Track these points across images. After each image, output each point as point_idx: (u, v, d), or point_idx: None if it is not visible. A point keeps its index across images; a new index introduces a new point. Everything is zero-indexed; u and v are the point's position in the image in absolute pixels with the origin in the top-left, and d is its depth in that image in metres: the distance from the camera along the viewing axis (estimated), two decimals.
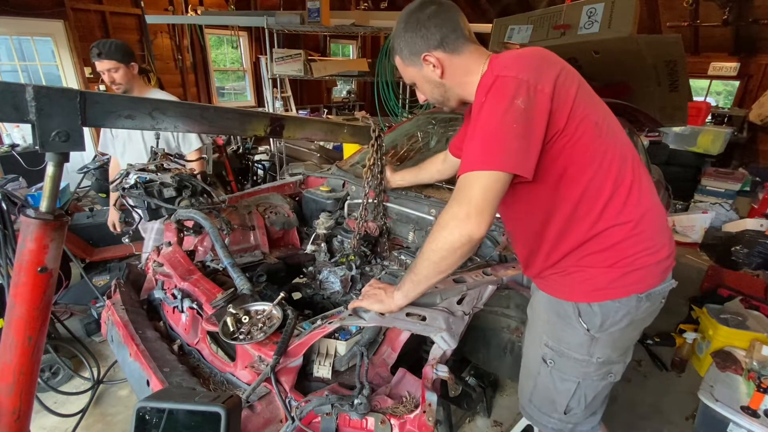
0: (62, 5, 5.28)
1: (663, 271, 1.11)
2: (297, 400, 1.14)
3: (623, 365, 1.18)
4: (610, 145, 1.03)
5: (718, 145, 5.62)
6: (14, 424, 1.01)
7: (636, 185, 1.05)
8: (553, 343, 1.18)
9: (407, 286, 1.12)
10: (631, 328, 1.12)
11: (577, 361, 1.14)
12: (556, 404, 1.21)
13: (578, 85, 1.02)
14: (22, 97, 0.88)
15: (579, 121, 0.98)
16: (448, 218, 0.97)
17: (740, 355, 2.08)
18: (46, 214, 0.97)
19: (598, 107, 1.06)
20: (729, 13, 6.52)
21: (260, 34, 7.22)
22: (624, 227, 1.04)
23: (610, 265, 1.06)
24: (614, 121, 1.11)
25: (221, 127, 1.31)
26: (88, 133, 5.81)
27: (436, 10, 1.07)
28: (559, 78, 0.97)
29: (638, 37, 2.59)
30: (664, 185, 3.10)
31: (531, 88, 0.93)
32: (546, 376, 1.21)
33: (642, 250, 1.05)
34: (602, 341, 1.11)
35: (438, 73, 1.11)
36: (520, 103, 0.91)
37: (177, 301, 1.51)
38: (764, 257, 3.62)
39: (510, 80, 0.93)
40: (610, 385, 1.19)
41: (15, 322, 0.98)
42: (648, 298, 1.09)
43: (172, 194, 1.82)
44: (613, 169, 1.03)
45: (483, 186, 0.92)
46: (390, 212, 2.06)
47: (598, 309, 1.09)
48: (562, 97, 0.96)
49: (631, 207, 1.04)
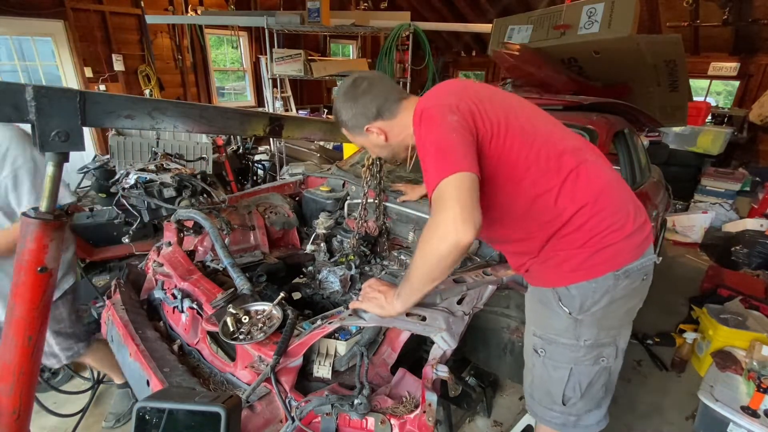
0: (62, 5, 5.28)
1: (636, 246, 1.12)
2: (297, 400, 1.14)
3: (615, 348, 1.19)
4: (543, 145, 1.10)
5: (718, 145, 5.62)
6: (14, 424, 1.01)
7: (582, 169, 1.10)
8: (541, 332, 1.21)
9: (405, 294, 1.12)
10: (614, 307, 1.13)
11: (566, 346, 1.16)
12: (553, 395, 1.23)
13: (497, 99, 1.14)
14: (21, 97, 0.88)
15: (505, 130, 1.07)
16: (433, 228, 0.97)
17: (740, 355, 2.08)
18: (46, 214, 0.97)
19: (523, 113, 1.15)
20: (729, 13, 6.51)
21: (260, 34, 7.22)
22: (584, 210, 1.08)
23: (580, 246, 1.09)
24: (544, 120, 1.20)
25: (221, 127, 1.31)
26: (87, 133, 5.81)
27: (368, 86, 1.19)
28: (474, 98, 1.09)
29: (638, 37, 2.59)
30: (664, 185, 3.11)
31: (454, 107, 1.05)
32: (540, 367, 1.23)
33: (607, 227, 1.08)
34: (586, 323, 1.13)
35: (382, 138, 1.22)
36: (451, 119, 1.02)
37: (177, 301, 1.51)
38: (764, 257, 3.62)
39: (435, 108, 1.05)
40: (606, 372, 1.20)
41: (15, 322, 0.98)
42: (626, 275, 1.11)
43: (172, 194, 1.82)
44: (551, 164, 1.09)
45: (455, 188, 0.93)
46: (390, 212, 2.06)
47: (575, 291, 1.12)
48: (481, 112, 1.07)
49: (582, 189, 1.09)
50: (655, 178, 2.87)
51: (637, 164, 2.50)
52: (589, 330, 1.14)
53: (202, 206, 1.87)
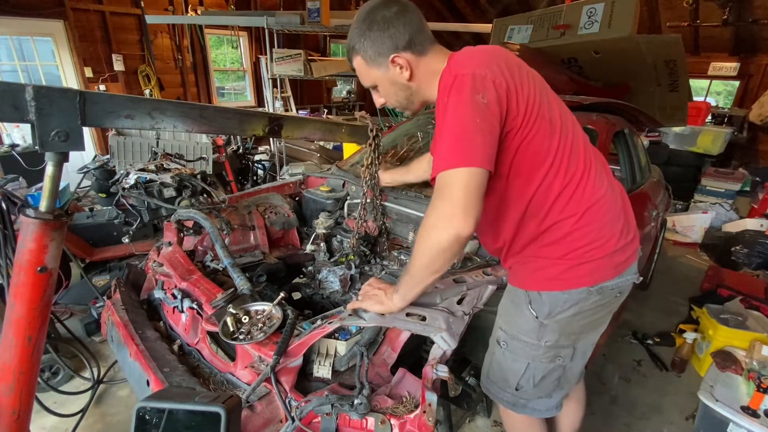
0: (62, 5, 5.28)
1: (616, 265, 1.12)
2: (297, 400, 1.14)
3: (572, 350, 1.21)
4: (561, 141, 1.06)
5: (718, 145, 5.62)
6: (14, 424, 1.01)
7: (584, 179, 1.08)
8: (506, 327, 1.23)
9: (404, 289, 1.12)
10: (579, 318, 1.14)
11: (527, 344, 1.19)
12: (508, 382, 1.26)
13: (533, 82, 1.05)
14: (21, 97, 0.88)
15: (534, 117, 1.01)
16: (434, 219, 0.97)
17: (740, 355, 2.08)
18: (46, 214, 0.97)
19: (552, 103, 1.08)
20: (729, 13, 6.52)
21: (260, 34, 7.22)
22: (568, 221, 1.07)
23: (560, 257, 1.09)
24: (569, 116, 1.14)
25: (220, 127, 1.31)
26: (87, 133, 5.81)
27: (401, 10, 1.05)
28: (515, 75, 1.01)
29: (638, 37, 2.59)
30: (664, 185, 3.11)
31: (489, 82, 0.95)
32: (500, 356, 1.26)
33: (588, 243, 1.08)
34: (550, 327, 1.15)
35: (406, 75, 1.09)
36: (481, 98, 0.94)
37: (177, 301, 1.51)
38: (764, 257, 3.62)
39: (468, 77, 0.95)
40: (560, 368, 1.22)
41: (15, 322, 0.98)
42: (599, 292, 1.11)
43: (172, 194, 1.82)
44: (563, 165, 1.06)
45: (463, 183, 0.92)
46: (390, 212, 2.06)
47: (546, 298, 1.13)
48: (518, 92, 0.99)
49: (576, 201, 1.07)
50: (655, 178, 2.87)
51: (637, 164, 2.50)
52: (551, 334, 1.16)
53: (202, 206, 1.88)
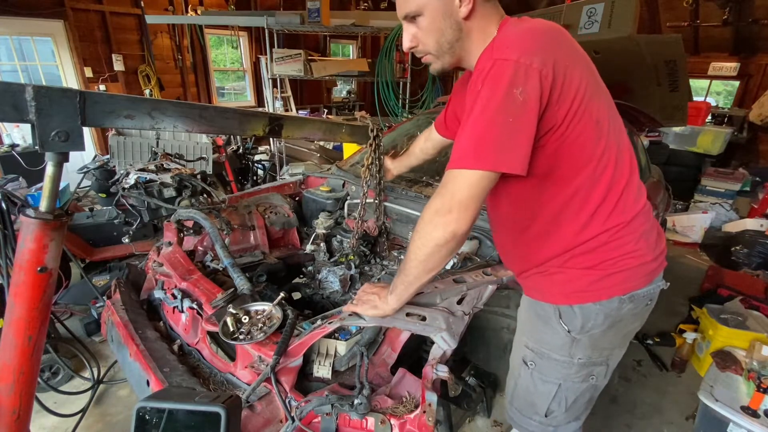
0: (62, 5, 5.28)
1: (648, 273, 1.05)
2: (297, 400, 1.14)
3: (605, 367, 1.14)
4: (608, 146, 0.97)
5: (718, 145, 5.62)
6: (14, 424, 1.01)
7: (628, 189, 1.01)
8: (534, 345, 1.15)
9: (399, 289, 1.09)
10: (613, 330, 1.08)
11: (558, 363, 1.11)
12: (537, 406, 1.19)
13: (586, 75, 0.93)
14: (21, 97, 0.88)
15: (580, 117, 0.90)
16: (431, 214, 0.93)
17: (740, 355, 2.08)
18: (46, 214, 0.97)
19: (603, 102, 0.98)
20: (729, 13, 6.52)
21: (260, 34, 7.22)
22: (608, 232, 1.00)
23: (590, 267, 1.02)
24: (618, 119, 1.04)
25: (220, 127, 1.31)
26: (87, 133, 5.81)
27: None
28: (566, 64, 0.88)
29: (638, 37, 2.59)
30: (664, 185, 3.11)
31: (533, 74, 0.83)
32: (527, 378, 1.18)
33: (624, 254, 1.01)
34: (583, 342, 1.08)
35: (465, 11, 0.93)
36: (519, 95, 0.83)
37: (177, 301, 1.51)
38: (764, 257, 3.62)
39: (510, 65, 0.83)
40: (593, 388, 1.16)
41: (15, 322, 0.98)
42: (630, 300, 1.05)
43: (172, 194, 1.82)
44: (607, 173, 0.97)
45: (469, 183, 0.87)
46: (390, 212, 2.06)
47: (578, 311, 1.05)
48: (565, 87, 0.87)
49: (619, 212, 1.00)
50: (655, 178, 2.87)
51: (638, 164, 2.50)
52: (584, 350, 1.09)
53: (202, 206, 1.88)
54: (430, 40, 0.99)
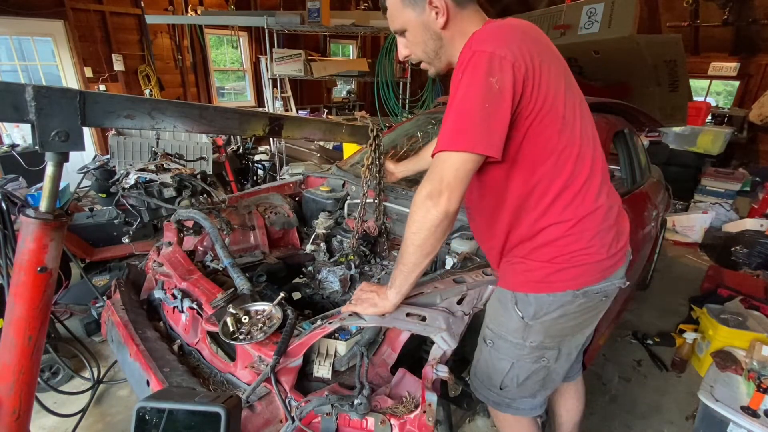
0: (62, 5, 5.28)
1: (602, 270, 1.12)
2: (297, 400, 1.14)
3: (557, 351, 1.20)
4: (571, 142, 1.03)
5: (718, 145, 5.63)
6: (14, 424, 1.01)
7: (586, 187, 1.06)
8: (493, 326, 1.23)
9: (398, 281, 1.12)
10: (564, 320, 1.14)
11: (512, 344, 1.19)
12: (493, 380, 1.27)
13: (558, 72, 1.01)
14: (21, 97, 0.88)
15: (548, 110, 0.98)
16: (423, 197, 0.98)
17: (740, 355, 2.08)
18: (46, 214, 0.97)
19: (570, 97, 1.04)
20: (729, 13, 6.52)
21: (260, 34, 7.22)
22: (562, 225, 1.06)
23: (547, 260, 1.09)
24: (588, 121, 1.10)
25: (220, 127, 1.31)
26: (87, 133, 5.81)
27: None
28: (540, 60, 0.96)
29: (638, 37, 2.59)
30: (664, 185, 3.11)
31: (506, 65, 0.91)
32: (486, 355, 1.27)
33: (578, 250, 1.07)
34: (535, 328, 1.15)
35: (441, 22, 1.04)
36: (495, 83, 0.90)
37: (177, 301, 1.51)
38: (764, 257, 3.62)
39: (485, 56, 0.91)
40: (545, 369, 1.22)
41: (15, 322, 0.98)
42: (584, 295, 1.11)
43: (172, 194, 1.82)
44: (567, 168, 1.03)
45: (454, 165, 0.94)
46: (390, 212, 2.06)
47: (533, 299, 1.13)
48: (536, 80, 0.95)
49: (574, 207, 1.06)
50: (655, 178, 2.87)
51: (637, 164, 2.50)
52: (536, 335, 1.16)
53: (202, 206, 1.88)
54: (418, 50, 1.12)
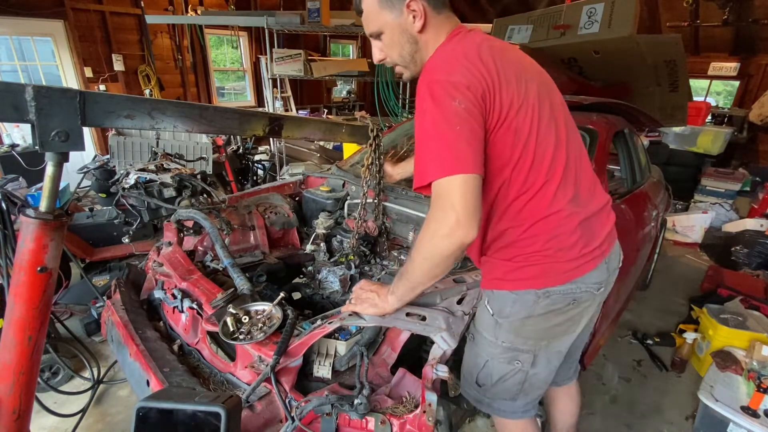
0: (62, 5, 5.28)
1: (563, 272, 1.09)
2: (297, 400, 1.14)
3: (532, 356, 1.18)
4: (524, 154, 1.02)
5: (718, 145, 5.62)
6: (14, 424, 1.01)
7: (541, 194, 1.05)
8: (476, 321, 1.26)
9: (401, 291, 1.12)
10: (532, 321, 1.13)
11: (487, 341, 1.21)
12: (471, 375, 1.28)
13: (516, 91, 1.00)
14: (21, 97, 0.88)
15: (499, 126, 0.99)
16: (436, 227, 0.95)
17: (740, 355, 2.08)
18: (46, 214, 0.97)
19: (535, 108, 1.03)
20: (729, 13, 6.52)
21: (260, 34, 7.22)
22: (518, 228, 1.08)
23: (510, 258, 1.11)
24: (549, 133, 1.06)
25: (220, 127, 1.31)
26: (87, 133, 5.81)
27: None
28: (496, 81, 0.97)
29: (638, 37, 2.60)
30: (664, 185, 3.11)
31: (462, 89, 0.93)
32: (468, 350, 1.29)
33: (535, 251, 1.08)
34: (504, 327, 1.16)
35: (419, 25, 1.03)
36: (458, 104, 0.92)
37: (177, 301, 1.51)
38: (764, 257, 3.62)
39: (442, 85, 0.94)
40: (521, 373, 1.21)
41: (15, 322, 0.98)
42: (546, 296, 1.10)
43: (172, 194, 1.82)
44: (520, 177, 1.04)
45: (462, 190, 0.91)
46: (390, 212, 2.06)
47: (498, 296, 1.16)
48: (494, 98, 0.97)
49: (529, 211, 1.06)
50: (655, 178, 2.87)
51: (637, 164, 2.50)
52: (506, 334, 1.16)
53: (202, 206, 1.88)
54: (394, 54, 1.11)
